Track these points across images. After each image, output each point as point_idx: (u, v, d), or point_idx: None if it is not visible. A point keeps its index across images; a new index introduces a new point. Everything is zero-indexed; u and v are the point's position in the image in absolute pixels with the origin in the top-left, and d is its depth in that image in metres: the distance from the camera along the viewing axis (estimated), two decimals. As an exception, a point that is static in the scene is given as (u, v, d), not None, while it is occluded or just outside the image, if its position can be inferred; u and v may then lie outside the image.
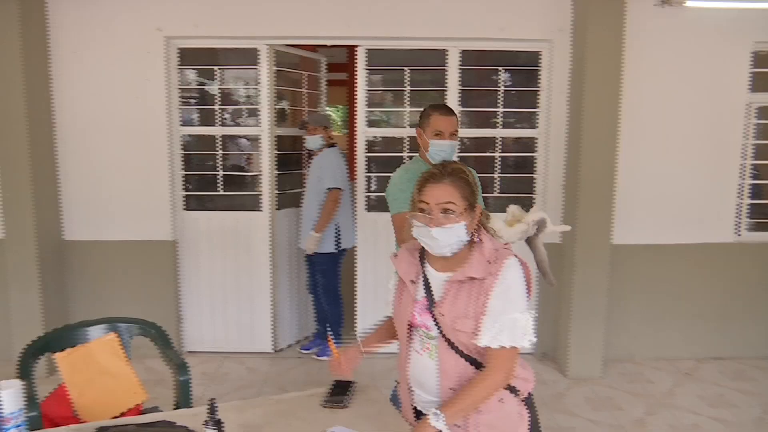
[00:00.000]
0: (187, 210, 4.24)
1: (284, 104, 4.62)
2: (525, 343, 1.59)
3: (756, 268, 4.27)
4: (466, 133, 4.29)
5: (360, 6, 3.93)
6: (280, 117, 4.56)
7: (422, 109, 2.62)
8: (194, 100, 4.54)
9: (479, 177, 2.59)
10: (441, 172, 1.62)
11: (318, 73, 4.65)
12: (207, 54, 4.24)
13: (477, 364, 1.64)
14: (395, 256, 1.81)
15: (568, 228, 2.58)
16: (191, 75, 4.41)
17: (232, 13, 3.91)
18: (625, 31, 3.74)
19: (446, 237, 1.60)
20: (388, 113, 4.80)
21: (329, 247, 4.12)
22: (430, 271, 1.72)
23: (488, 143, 4.28)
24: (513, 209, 2.32)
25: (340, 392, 2.00)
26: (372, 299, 4.25)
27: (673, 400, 3.69)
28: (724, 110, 4.11)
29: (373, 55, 4.10)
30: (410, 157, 4.17)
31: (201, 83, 4.42)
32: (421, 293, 1.71)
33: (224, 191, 4.28)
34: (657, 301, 4.25)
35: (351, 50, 5.04)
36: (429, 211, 1.61)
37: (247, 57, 4.11)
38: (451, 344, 1.64)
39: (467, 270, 1.63)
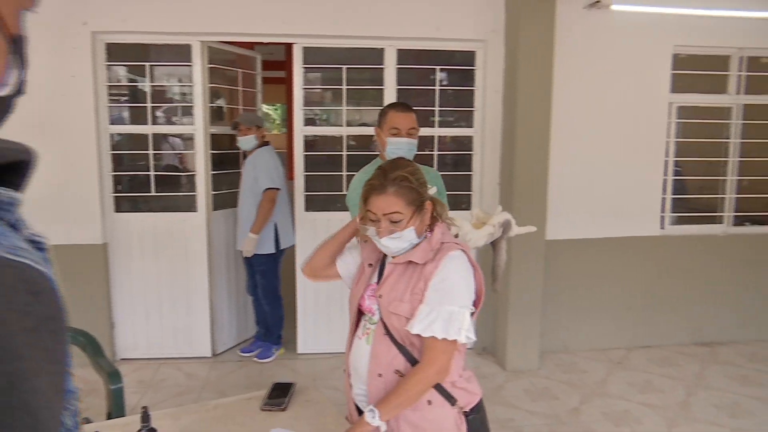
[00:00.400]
0: (119, 212, 4.08)
1: (221, 102, 4.52)
2: (460, 338, 1.56)
3: (679, 259, 4.51)
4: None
5: (296, 3, 3.89)
6: (217, 115, 4.46)
7: (359, 108, 2.60)
8: (125, 98, 4.39)
9: (442, 175, 2.61)
10: (382, 182, 1.59)
11: (254, 71, 4.57)
12: (138, 50, 4.09)
13: (409, 357, 1.63)
14: (363, 239, 1.79)
15: (533, 229, 2.44)
16: (121, 72, 4.26)
17: (164, 8, 3.80)
18: (555, 32, 3.86)
19: (396, 244, 1.61)
20: (328, 112, 4.77)
21: (268, 248, 4.06)
22: (389, 259, 1.72)
23: (426, 142, 4.33)
24: (477, 212, 2.32)
25: (279, 394, 1.98)
26: (313, 299, 4.23)
27: (606, 389, 3.84)
28: (648, 110, 4.31)
29: (310, 53, 4.07)
30: (348, 157, 4.20)
31: (132, 80, 4.27)
32: (375, 278, 1.74)
33: (158, 192, 4.15)
34: (589, 294, 4.41)
35: (289, 48, 4.99)
36: (376, 220, 1.61)
37: (180, 54, 4.00)
38: (387, 330, 1.64)
39: (410, 254, 1.63)
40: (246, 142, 4.07)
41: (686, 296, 4.56)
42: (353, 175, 4.20)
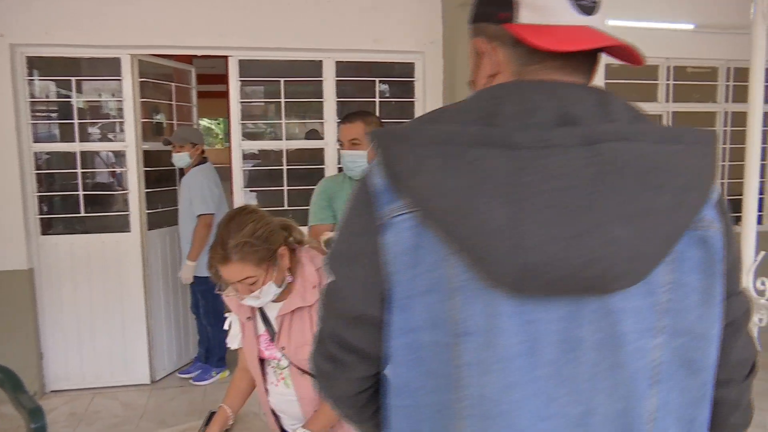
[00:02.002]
0: (45, 235, 3.85)
1: (160, 117, 4.36)
2: None
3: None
4: (346, 144, 4.28)
5: (231, 16, 3.80)
6: (156, 131, 4.30)
7: (301, 121, 2.57)
8: (54, 114, 4.17)
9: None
10: (223, 253, 1.52)
11: (189, 85, 4.43)
12: (65, 64, 3.89)
13: None
14: (226, 294, 1.68)
15: None
16: (50, 87, 4.05)
17: (90, 20, 3.62)
18: (492, 43, 3.90)
19: (260, 300, 1.58)
20: (271, 125, 4.67)
21: (206, 270, 3.91)
22: (272, 309, 1.68)
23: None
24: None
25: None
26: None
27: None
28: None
29: (248, 66, 3.97)
30: (289, 171, 4.12)
31: (65, 95, 4.04)
32: (261, 327, 1.69)
33: (90, 212, 3.94)
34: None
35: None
36: (233, 286, 1.57)
37: (110, 67, 3.83)
38: (304, 371, 1.61)
39: (294, 301, 1.60)
40: (179, 159, 3.92)
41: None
42: (295, 190, 4.17)
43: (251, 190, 4.29)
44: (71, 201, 3.92)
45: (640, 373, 0.75)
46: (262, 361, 1.72)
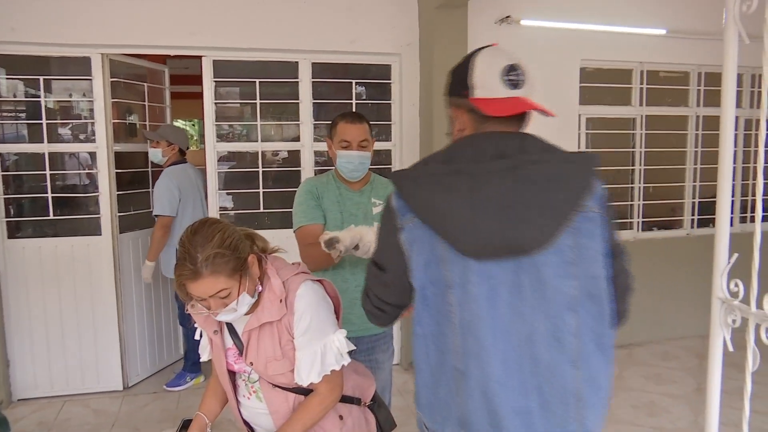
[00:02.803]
0: (12, 238, 3.75)
1: (133, 119, 4.27)
2: (344, 361, 1.58)
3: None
4: (323, 146, 4.25)
5: (205, 15, 3.74)
6: (129, 132, 4.21)
7: (277, 122, 2.47)
8: (22, 114, 4.05)
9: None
10: (193, 268, 1.43)
11: (162, 85, 4.35)
12: (33, 62, 3.78)
13: (305, 392, 1.61)
14: (191, 307, 1.58)
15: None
16: (18, 86, 3.93)
17: (58, 18, 3.54)
18: (468, 46, 3.91)
19: (235, 315, 1.52)
20: (246, 126, 4.61)
21: (171, 272, 3.85)
22: (238, 325, 1.63)
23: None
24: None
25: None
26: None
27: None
28: (560, 121, 4.42)
29: (222, 67, 3.92)
30: (265, 174, 4.07)
31: (33, 95, 3.93)
32: (229, 341, 1.64)
33: (59, 215, 3.85)
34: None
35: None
36: (203, 300, 1.48)
37: (80, 67, 3.74)
38: (275, 384, 1.59)
39: (261, 315, 1.55)
40: (152, 154, 3.91)
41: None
42: (271, 191, 4.12)
43: (228, 193, 4.23)
44: (40, 204, 3.82)
45: (560, 304, 1.22)
46: (233, 374, 1.68)
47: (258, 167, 4.05)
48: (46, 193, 3.75)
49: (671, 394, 3.91)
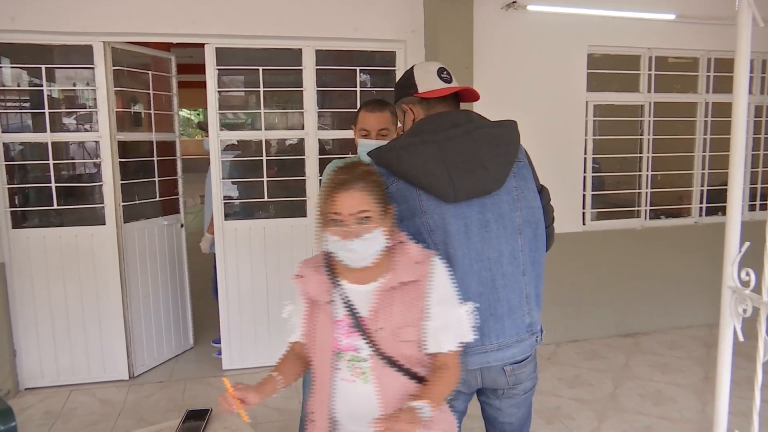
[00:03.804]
0: (17, 228, 3.75)
1: (138, 108, 4.24)
2: (472, 336, 1.53)
3: (601, 254, 4.62)
4: (328, 134, 4.22)
5: (207, 2, 3.71)
6: (135, 121, 4.18)
7: (282, 111, 2.43)
8: (27, 104, 4.04)
9: None
10: (350, 176, 1.43)
11: (168, 73, 4.31)
12: (36, 51, 3.76)
13: (419, 379, 1.50)
14: (298, 276, 1.56)
15: None
16: (22, 75, 3.91)
17: (59, 6, 3.51)
18: (473, 32, 3.86)
19: (367, 247, 1.43)
20: (251, 115, 4.58)
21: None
22: (346, 285, 1.52)
23: (350, 144, 4.23)
24: None
25: (194, 423, 1.82)
26: (237, 312, 4.05)
27: (537, 385, 3.85)
28: (567, 108, 4.40)
29: (225, 55, 3.88)
30: (269, 162, 4.05)
31: (37, 84, 3.91)
32: (340, 311, 1.49)
33: (65, 204, 3.84)
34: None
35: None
36: (343, 222, 1.42)
37: (83, 55, 3.71)
38: (390, 361, 1.46)
39: (399, 275, 1.47)
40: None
41: (609, 290, 4.68)
42: (275, 180, 4.10)
43: (233, 182, 4.22)
44: (45, 194, 3.81)
45: (513, 230, 1.67)
46: (333, 356, 1.51)
47: (262, 156, 4.03)
48: (50, 182, 3.74)
49: (678, 383, 3.89)
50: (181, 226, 4.43)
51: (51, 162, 3.72)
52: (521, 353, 1.71)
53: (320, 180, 2.37)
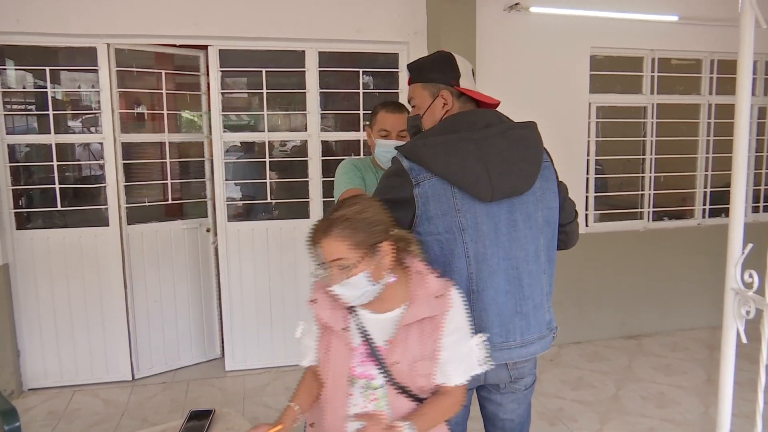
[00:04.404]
0: (21, 229, 3.76)
1: (141, 109, 4.23)
2: (487, 367, 1.54)
3: (604, 256, 4.62)
4: (331, 135, 4.22)
5: (210, 4, 3.72)
6: (140, 123, 4.18)
7: (285, 112, 2.43)
8: (32, 106, 4.05)
9: None
10: (326, 224, 1.43)
11: (198, 72, 4.19)
12: (40, 53, 3.78)
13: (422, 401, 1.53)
14: (313, 301, 1.56)
15: None
16: (27, 78, 3.93)
17: (63, 8, 3.52)
18: (476, 34, 3.87)
19: (346, 292, 1.44)
20: (253, 117, 4.58)
21: None
22: (362, 313, 1.52)
23: (353, 146, 4.24)
24: None
25: (197, 423, 1.82)
26: (239, 312, 4.07)
27: (540, 387, 3.86)
28: (570, 110, 4.40)
29: (228, 57, 3.89)
30: (271, 164, 4.05)
31: (42, 86, 3.93)
32: (357, 340, 1.51)
33: (70, 206, 3.86)
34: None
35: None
36: (327, 266, 1.44)
37: (87, 57, 3.73)
38: (403, 389, 1.48)
39: (418, 310, 1.47)
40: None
41: (612, 291, 4.67)
42: (278, 182, 4.11)
43: (236, 183, 4.23)
44: (50, 195, 3.83)
45: (537, 230, 1.68)
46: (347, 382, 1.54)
47: (265, 158, 4.03)
48: (54, 184, 3.75)
49: (681, 385, 3.88)
50: (207, 230, 4.24)
51: (55, 163, 3.72)
52: (542, 349, 1.75)
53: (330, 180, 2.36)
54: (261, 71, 3.94)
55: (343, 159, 2.47)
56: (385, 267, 1.46)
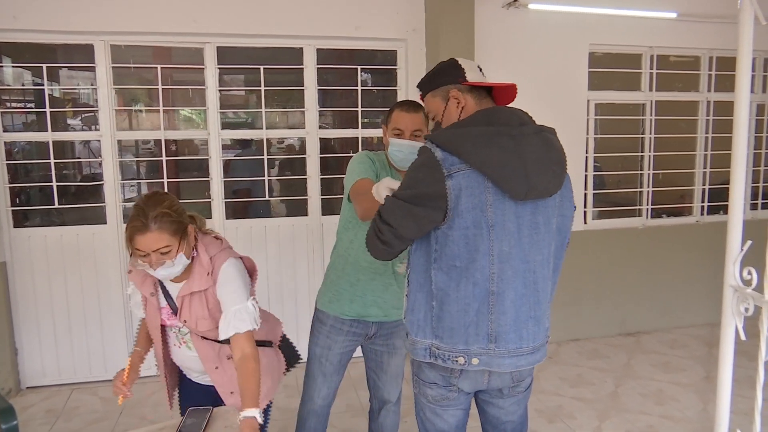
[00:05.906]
0: (18, 227, 3.75)
1: (139, 106, 4.23)
2: (256, 326, 1.88)
3: (602, 253, 4.62)
4: (329, 133, 4.21)
5: (208, 1, 3.70)
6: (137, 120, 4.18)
7: (282, 110, 2.43)
8: (31, 104, 4.04)
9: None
10: (144, 222, 1.70)
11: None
12: (38, 51, 3.76)
13: (227, 341, 1.90)
14: (130, 271, 1.93)
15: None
16: (25, 75, 3.91)
17: (60, 5, 3.51)
18: (475, 31, 3.86)
19: (170, 271, 1.79)
20: (251, 114, 4.57)
21: None
22: (167, 283, 1.92)
23: (351, 143, 4.24)
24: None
25: (195, 421, 1.82)
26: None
27: (539, 385, 3.86)
28: (568, 107, 4.39)
29: (226, 54, 3.88)
30: (270, 162, 4.04)
31: (39, 84, 3.91)
32: (163, 302, 1.93)
33: (67, 204, 3.84)
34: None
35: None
36: (147, 255, 1.73)
37: (84, 54, 3.71)
38: (203, 336, 1.92)
39: (191, 284, 1.86)
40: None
41: (611, 289, 4.67)
42: (276, 179, 4.11)
43: (234, 181, 4.22)
44: (47, 193, 3.82)
45: (552, 234, 1.65)
46: (163, 328, 1.98)
47: (263, 155, 4.02)
48: (51, 182, 3.74)
49: (680, 382, 3.89)
50: None
51: (52, 161, 3.71)
52: (542, 357, 1.71)
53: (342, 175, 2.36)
54: (259, 68, 3.92)
55: (341, 156, 2.47)
56: (192, 244, 1.85)
